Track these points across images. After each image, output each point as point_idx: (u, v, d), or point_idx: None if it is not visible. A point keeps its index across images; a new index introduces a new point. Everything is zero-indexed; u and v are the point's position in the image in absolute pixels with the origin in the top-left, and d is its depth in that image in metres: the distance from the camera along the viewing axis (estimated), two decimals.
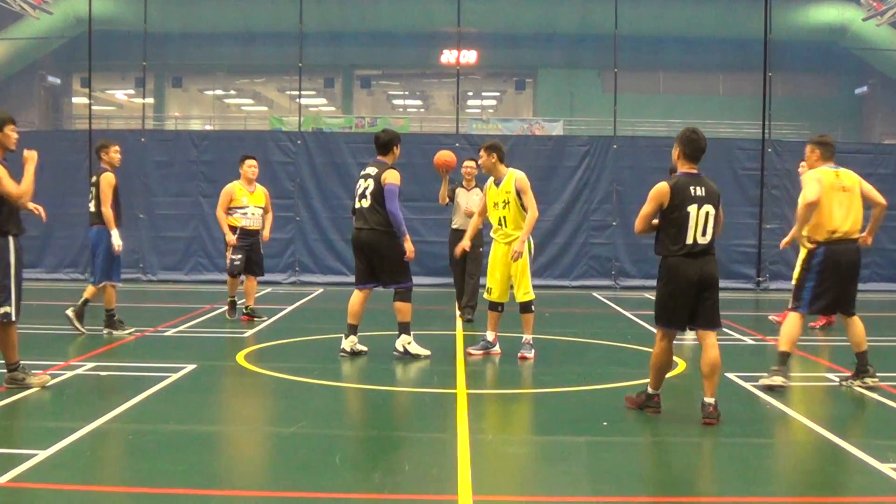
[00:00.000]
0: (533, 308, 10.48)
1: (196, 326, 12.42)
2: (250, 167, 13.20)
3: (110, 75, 35.53)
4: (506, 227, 10.41)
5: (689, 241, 7.40)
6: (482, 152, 10.54)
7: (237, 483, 5.98)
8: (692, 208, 7.38)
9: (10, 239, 8.38)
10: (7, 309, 8.28)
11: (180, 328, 12.46)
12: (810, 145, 9.58)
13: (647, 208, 7.54)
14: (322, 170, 19.52)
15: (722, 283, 13.88)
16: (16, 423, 7.45)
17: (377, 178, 10.14)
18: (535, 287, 10.68)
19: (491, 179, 10.59)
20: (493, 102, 44.08)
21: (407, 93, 44.79)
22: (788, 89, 28.89)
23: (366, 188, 10.17)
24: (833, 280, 8.89)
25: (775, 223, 19.35)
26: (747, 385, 9.03)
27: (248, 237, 13.05)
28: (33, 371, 8.67)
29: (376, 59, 37.24)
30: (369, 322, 11.49)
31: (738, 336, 12.22)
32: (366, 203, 10.15)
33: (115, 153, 11.96)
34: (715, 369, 7.53)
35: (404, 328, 10.31)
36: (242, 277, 13.11)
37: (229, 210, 12.97)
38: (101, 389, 8.63)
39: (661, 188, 7.47)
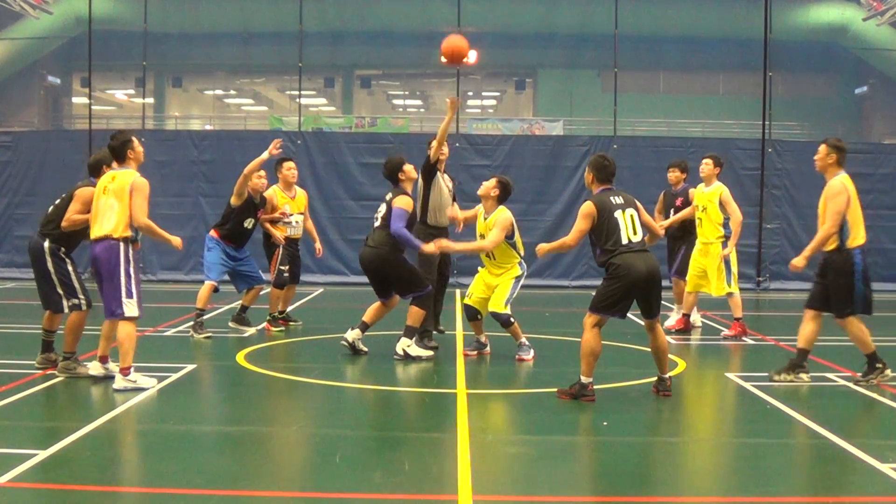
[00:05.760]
0: (513, 321, 10.36)
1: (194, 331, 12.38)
2: (290, 170, 12.50)
3: (110, 75, 35.46)
4: (494, 259, 10.38)
5: (625, 241, 8.24)
6: (494, 180, 10.45)
7: (237, 483, 5.98)
8: (618, 214, 8.30)
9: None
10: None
11: (180, 328, 12.46)
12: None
13: (582, 225, 8.38)
14: (322, 170, 19.53)
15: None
16: (16, 423, 7.45)
17: (389, 203, 10.26)
18: (535, 286, 10.71)
19: (481, 208, 10.50)
20: (493, 102, 44.06)
21: (407, 93, 44.74)
22: (788, 89, 28.84)
23: (379, 212, 10.37)
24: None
25: (775, 223, 19.37)
26: (748, 385, 9.03)
27: (292, 246, 12.51)
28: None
29: (376, 59, 37.18)
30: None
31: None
32: (376, 224, 10.34)
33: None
34: (666, 350, 8.60)
35: (409, 332, 10.30)
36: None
37: (274, 220, 12.28)
38: (101, 389, 8.63)
39: (589, 207, 8.36)
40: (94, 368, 8.86)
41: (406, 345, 10.28)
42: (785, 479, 6.46)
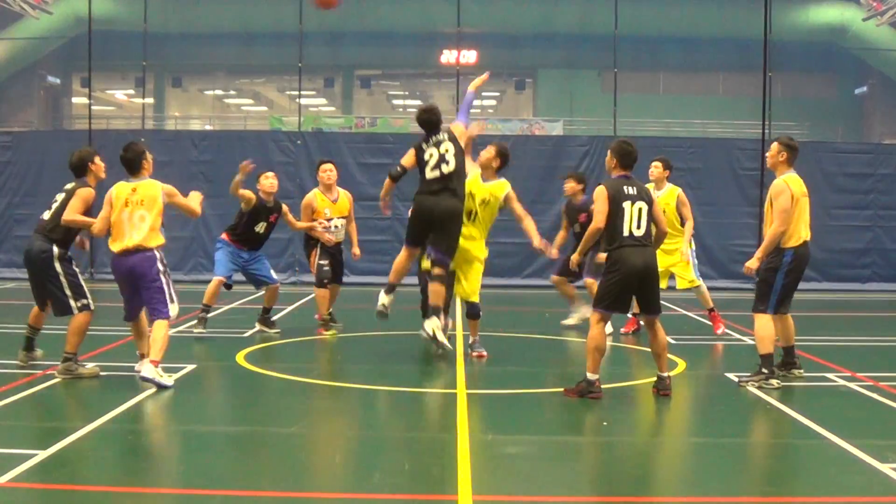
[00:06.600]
0: (479, 315, 10.40)
1: (196, 326, 12.37)
2: (325, 171, 12.09)
3: (110, 75, 35.55)
4: (474, 221, 10.25)
5: (626, 233, 8.25)
6: (493, 151, 10.44)
7: (237, 483, 5.98)
8: (626, 205, 8.29)
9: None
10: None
11: (180, 328, 12.42)
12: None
13: (602, 206, 8.31)
14: None
15: (722, 283, 13.88)
16: (16, 423, 7.45)
17: (453, 139, 9.98)
18: (534, 287, 10.68)
19: (478, 173, 10.38)
20: (493, 102, 44.09)
21: (407, 93, 44.80)
22: (788, 89, 28.90)
23: (444, 153, 9.88)
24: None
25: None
26: (747, 385, 9.02)
27: (332, 248, 12.11)
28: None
29: (376, 60, 37.25)
30: (369, 323, 11.51)
31: (737, 336, 12.22)
32: (447, 168, 9.84)
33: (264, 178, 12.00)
34: (665, 348, 8.53)
35: (435, 311, 9.93)
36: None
37: (308, 227, 12.05)
38: (100, 389, 8.63)
39: (602, 190, 8.39)
40: (148, 371, 8.53)
41: (436, 325, 9.84)
42: (785, 479, 6.47)
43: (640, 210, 8.32)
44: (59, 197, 9.21)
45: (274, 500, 5.64)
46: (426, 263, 10.34)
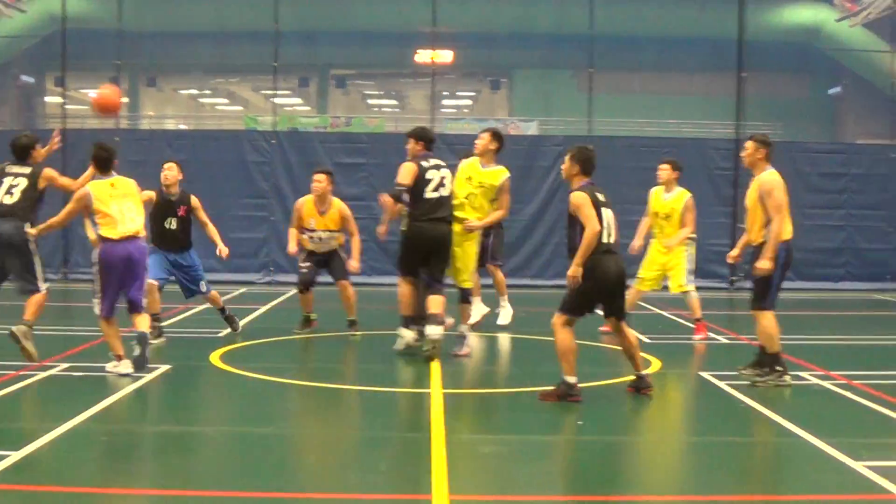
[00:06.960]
0: (471, 300, 10.42)
1: (170, 327, 12.26)
2: (313, 182, 11.75)
3: (84, 74, 35.17)
4: (474, 205, 10.30)
5: (605, 240, 8.13)
6: (488, 135, 10.53)
7: (211, 484, 5.96)
8: (603, 210, 8.18)
9: None
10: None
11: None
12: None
13: (591, 212, 8.08)
14: (297, 169, 19.44)
15: (696, 283, 13.74)
16: None
17: (450, 170, 10.30)
18: (509, 286, 10.68)
19: (476, 159, 10.42)
20: (469, 102, 44.05)
21: (382, 92, 44.67)
22: (762, 89, 28.98)
23: (443, 178, 10.19)
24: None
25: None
26: (722, 384, 9.06)
27: (318, 254, 11.82)
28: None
29: (351, 59, 37.11)
30: (344, 323, 11.51)
31: (712, 335, 12.25)
32: (445, 193, 10.16)
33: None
34: (637, 347, 8.57)
35: (438, 320, 10.04)
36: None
37: (301, 229, 11.77)
38: (74, 390, 8.58)
39: (584, 196, 8.16)
40: (125, 367, 9.10)
41: (439, 333, 9.98)
42: (759, 477, 6.49)
43: (610, 216, 8.27)
44: (20, 181, 9.26)
45: (249, 500, 5.61)
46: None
